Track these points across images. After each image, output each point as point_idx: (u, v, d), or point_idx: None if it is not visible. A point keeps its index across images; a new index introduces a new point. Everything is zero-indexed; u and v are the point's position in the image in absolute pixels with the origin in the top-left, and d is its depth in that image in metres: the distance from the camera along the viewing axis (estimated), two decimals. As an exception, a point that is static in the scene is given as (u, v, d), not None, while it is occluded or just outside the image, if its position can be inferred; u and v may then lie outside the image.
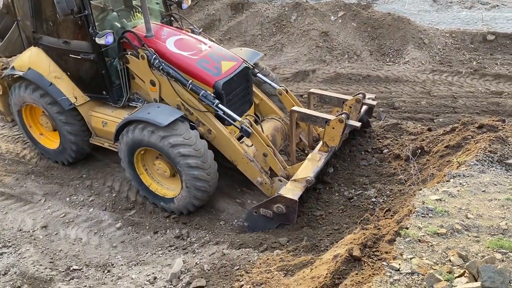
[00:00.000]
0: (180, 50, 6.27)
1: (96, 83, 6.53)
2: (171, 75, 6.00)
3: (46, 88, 6.65)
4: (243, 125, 5.78)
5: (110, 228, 6.32)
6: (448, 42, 10.61)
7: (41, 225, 6.39)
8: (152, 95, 6.32)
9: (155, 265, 5.58)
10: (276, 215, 5.41)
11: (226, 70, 6.19)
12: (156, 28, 6.60)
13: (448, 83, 9.39)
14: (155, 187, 6.39)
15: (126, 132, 6.01)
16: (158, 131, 5.67)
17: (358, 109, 6.23)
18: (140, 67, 6.22)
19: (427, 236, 3.13)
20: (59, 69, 6.74)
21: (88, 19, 6.00)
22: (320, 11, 11.46)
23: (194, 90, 5.94)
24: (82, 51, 6.32)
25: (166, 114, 5.75)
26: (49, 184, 7.18)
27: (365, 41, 10.81)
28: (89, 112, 6.83)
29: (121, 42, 6.25)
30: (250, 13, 12.00)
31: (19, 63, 6.94)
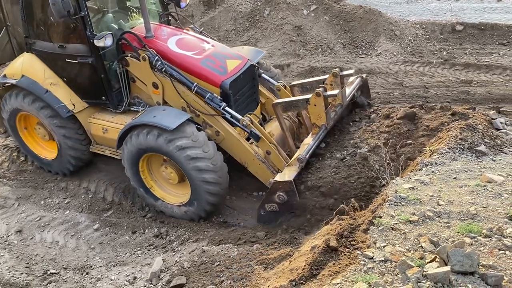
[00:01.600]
0: (182, 50, 6.04)
1: (95, 88, 6.27)
2: (175, 78, 5.78)
3: (41, 96, 6.33)
4: (252, 129, 5.59)
5: (88, 230, 6.24)
6: (418, 33, 10.80)
7: (15, 229, 6.27)
8: (155, 98, 6.06)
9: (135, 265, 5.55)
10: (281, 205, 5.22)
11: (232, 69, 6.00)
12: (156, 28, 6.35)
13: (420, 73, 9.57)
14: (161, 194, 6.15)
15: (130, 138, 5.75)
16: (165, 135, 5.44)
17: (339, 84, 6.09)
18: (141, 69, 5.96)
19: (399, 224, 3.20)
20: (55, 75, 6.44)
21: (85, 20, 5.76)
22: (292, 5, 11.50)
23: (199, 93, 5.73)
24: (79, 54, 6.05)
25: (173, 117, 5.54)
26: (22, 188, 7.04)
27: (337, 34, 10.92)
28: (88, 119, 6.55)
29: (120, 44, 6.00)
30: (223, 8, 11.96)
31: (11, 70, 6.62)
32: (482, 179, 4.08)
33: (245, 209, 6.31)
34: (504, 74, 9.21)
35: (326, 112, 5.67)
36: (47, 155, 7.06)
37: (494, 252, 2.83)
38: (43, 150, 7.13)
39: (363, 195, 5.12)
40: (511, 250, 2.87)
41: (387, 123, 6.11)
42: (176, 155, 5.48)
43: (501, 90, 8.57)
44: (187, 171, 5.57)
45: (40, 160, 7.16)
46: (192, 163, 5.45)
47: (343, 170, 5.45)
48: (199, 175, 5.50)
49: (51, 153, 6.98)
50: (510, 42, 10.41)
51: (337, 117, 6.15)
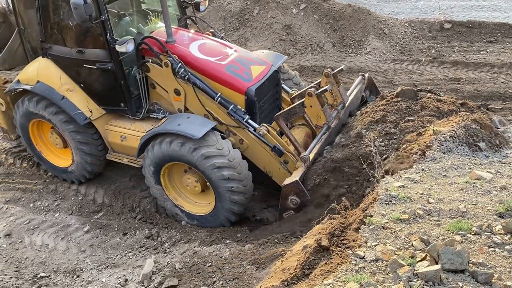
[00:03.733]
0: (205, 55, 5.87)
1: (114, 94, 6.09)
2: (198, 86, 5.63)
3: (58, 103, 6.12)
4: (276, 145, 5.45)
5: (78, 232, 6.19)
6: (407, 31, 10.87)
7: (4, 233, 6.19)
8: (177, 105, 5.90)
9: (126, 267, 5.52)
10: (297, 210, 5.10)
11: (256, 75, 5.83)
12: (176, 32, 6.15)
13: (409, 71, 9.63)
14: (183, 204, 6.03)
15: (152, 146, 5.59)
16: (189, 143, 5.32)
17: (334, 83, 5.94)
18: (163, 75, 5.79)
19: (390, 222, 3.22)
20: (71, 81, 6.24)
21: (105, 25, 5.58)
22: (282, 4, 11.49)
23: (222, 104, 5.60)
24: (98, 60, 5.86)
25: (198, 125, 5.41)
26: (10, 191, 6.95)
27: (327, 33, 10.94)
28: (105, 127, 6.36)
29: (140, 49, 5.81)
30: (212, 8, 11.91)
31: (25, 76, 6.41)
32: (471, 176, 4.12)
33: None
34: (492, 72, 9.30)
35: (324, 110, 5.59)
36: (61, 163, 6.86)
37: (484, 249, 2.86)
38: (57, 157, 6.94)
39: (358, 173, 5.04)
40: (500, 247, 2.90)
41: (383, 102, 6.06)
42: (200, 164, 5.36)
43: (489, 88, 8.66)
44: (211, 180, 5.45)
45: (54, 168, 6.95)
46: (217, 172, 5.34)
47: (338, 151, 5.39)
48: (225, 184, 5.39)
49: (66, 161, 6.79)
50: (497, 40, 10.53)
51: (343, 116, 6.03)
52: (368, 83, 6.74)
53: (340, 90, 5.93)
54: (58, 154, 6.93)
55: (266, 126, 5.52)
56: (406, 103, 5.88)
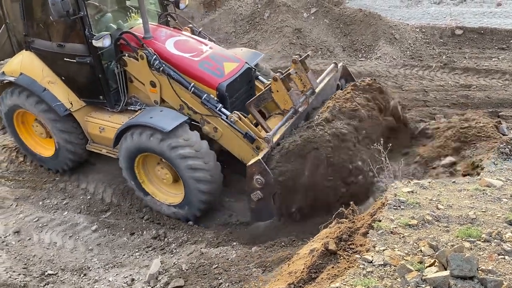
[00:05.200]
0: (180, 51, 6.09)
1: (93, 87, 6.30)
2: (172, 77, 5.81)
3: (39, 94, 6.37)
4: (248, 131, 5.57)
5: (86, 231, 6.23)
6: (418, 37, 10.83)
7: (13, 230, 6.25)
8: (153, 97, 6.10)
9: (133, 267, 5.54)
10: (262, 189, 5.15)
11: (229, 72, 6.05)
12: (154, 29, 6.37)
13: (419, 77, 9.59)
14: (157, 195, 6.21)
15: (126, 137, 5.83)
16: (159, 135, 5.52)
17: (303, 69, 6.01)
18: (139, 68, 5.99)
19: (399, 227, 3.20)
20: (53, 73, 6.47)
21: (84, 20, 5.81)
22: (292, 8, 11.51)
23: (196, 94, 5.76)
24: (78, 54, 6.09)
25: (170, 119, 5.63)
26: (20, 188, 7.02)
27: (337, 37, 10.93)
28: (85, 118, 6.57)
29: (118, 44, 6.04)
30: (223, 11, 11.97)
31: (10, 68, 6.65)
32: (481, 183, 4.08)
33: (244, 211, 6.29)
34: (503, 79, 9.23)
35: (290, 94, 5.67)
36: (44, 152, 7.09)
37: (493, 256, 2.83)
38: (40, 147, 7.16)
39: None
40: (510, 255, 2.87)
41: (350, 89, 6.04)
42: (168, 154, 5.57)
43: (500, 95, 8.59)
44: (179, 170, 5.64)
45: (37, 157, 7.19)
46: (184, 162, 5.53)
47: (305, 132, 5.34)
48: (192, 173, 5.57)
49: (48, 151, 7.02)
50: (509, 46, 10.44)
51: (315, 102, 6.03)
52: (343, 72, 6.79)
53: (309, 76, 5.99)
54: (42, 144, 7.16)
55: (237, 113, 5.65)
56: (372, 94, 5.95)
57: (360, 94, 5.83)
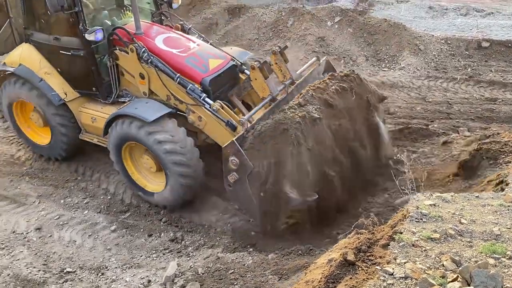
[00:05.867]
0: (169, 47, 6.39)
1: (86, 79, 6.65)
2: (159, 68, 6.09)
3: (36, 84, 6.73)
4: (229, 119, 5.78)
5: (105, 231, 6.31)
6: (443, 48, 10.68)
7: (35, 227, 6.37)
8: (142, 88, 6.40)
9: (149, 268, 5.58)
10: (238, 170, 5.23)
11: (213, 68, 6.32)
12: (146, 26, 6.72)
13: (443, 89, 9.44)
14: (143, 182, 6.50)
15: (114, 127, 6.17)
16: (137, 122, 5.88)
17: (282, 60, 6.19)
18: (129, 61, 6.31)
19: (420, 240, 3.15)
20: (50, 65, 6.82)
21: (79, 15, 6.15)
22: (316, 16, 11.50)
23: (181, 84, 6.03)
24: (73, 47, 6.44)
25: (153, 110, 5.95)
26: (43, 186, 7.16)
27: (361, 47, 10.86)
28: (79, 108, 6.90)
29: (111, 39, 6.36)
30: (247, 17, 12.04)
31: (10, 59, 7.02)
32: (505, 199, 3.98)
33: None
34: (530, 93, 9.02)
35: (267, 82, 5.85)
36: (40, 140, 7.42)
37: (518, 275, 2.76)
38: (37, 136, 7.50)
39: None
40: (536, 273, 2.79)
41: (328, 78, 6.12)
42: (148, 142, 5.89)
43: (526, 109, 8.39)
44: (158, 156, 5.95)
45: (34, 145, 7.53)
46: (160, 146, 5.83)
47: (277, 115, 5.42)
48: (168, 156, 5.85)
49: (45, 139, 7.35)
50: (537, 60, 10.21)
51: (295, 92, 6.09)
52: (326, 67, 6.87)
53: (288, 67, 6.18)
54: (39, 133, 7.50)
55: (220, 102, 5.88)
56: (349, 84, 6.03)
57: (336, 83, 5.92)
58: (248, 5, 12.69)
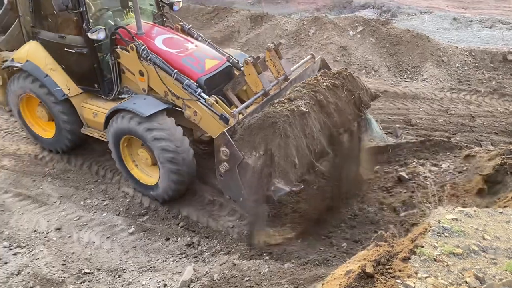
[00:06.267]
0: (167, 47, 6.69)
1: (89, 76, 6.96)
2: (157, 65, 6.34)
3: (41, 79, 7.06)
4: (223, 113, 5.96)
5: (123, 233, 6.36)
6: (467, 60, 10.54)
7: (55, 227, 6.47)
8: (141, 85, 6.68)
9: (166, 272, 5.60)
10: (228, 161, 5.32)
11: (209, 68, 6.60)
12: (147, 27, 7.06)
13: (466, 101, 9.30)
14: (138, 175, 6.80)
15: (113, 121, 6.47)
16: (137, 118, 6.17)
17: (276, 57, 6.31)
18: (130, 59, 6.58)
19: (442, 255, 3.08)
20: (55, 62, 7.13)
21: (83, 15, 6.44)
22: (338, 26, 11.50)
23: (178, 79, 6.26)
24: (76, 45, 6.75)
25: (150, 106, 6.26)
26: (64, 187, 7.27)
27: (383, 57, 10.80)
28: (81, 104, 7.19)
29: (114, 39, 6.66)
30: (269, 26, 12.10)
31: (18, 55, 7.36)
32: (531, 216, 3.88)
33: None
34: (557, 108, 8.82)
35: (260, 77, 6.03)
36: (45, 134, 7.77)
37: (544, 294, 2.68)
38: (42, 129, 7.84)
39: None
40: None
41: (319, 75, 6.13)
42: (144, 136, 6.19)
43: (553, 124, 8.20)
44: (154, 151, 6.24)
45: (38, 138, 7.88)
46: (157, 143, 6.13)
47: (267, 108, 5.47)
48: (157, 144, 6.13)
49: (49, 133, 7.70)
50: None
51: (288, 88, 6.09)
52: (322, 65, 6.98)
53: (282, 63, 6.35)
54: (43, 127, 7.85)
55: (214, 97, 6.09)
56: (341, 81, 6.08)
57: (328, 80, 5.99)
58: (270, 13, 12.79)
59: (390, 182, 6.80)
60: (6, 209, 6.82)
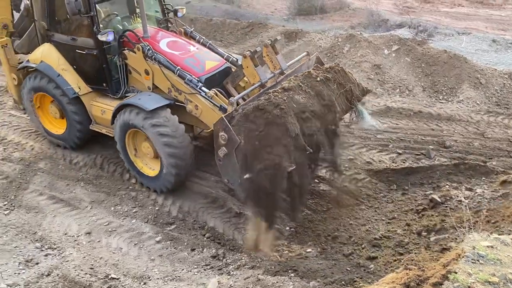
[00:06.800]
0: (171, 49, 7.22)
1: (98, 76, 7.48)
2: (162, 63, 6.87)
3: (54, 78, 7.60)
4: (222, 104, 6.38)
5: (150, 241, 6.44)
6: (506, 83, 10.23)
7: (85, 231, 6.61)
8: (146, 84, 7.20)
9: (190, 283, 5.62)
10: (226, 145, 5.54)
11: (209, 68, 7.13)
12: (153, 31, 7.66)
13: (504, 125, 9.01)
14: (141, 166, 7.26)
15: (119, 115, 6.98)
16: (142, 113, 6.64)
17: (273, 53, 6.75)
18: (136, 59, 7.12)
19: (477, 283, 2.97)
20: (67, 62, 7.66)
21: (93, 19, 6.98)
22: (373, 44, 11.41)
23: (180, 76, 6.78)
24: (87, 47, 7.30)
25: (154, 101, 6.76)
26: (96, 192, 7.44)
27: (418, 77, 10.63)
28: (90, 102, 7.71)
29: (122, 41, 7.22)
30: (303, 42, 12.14)
31: (33, 57, 7.92)
32: None
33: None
34: None
35: (257, 70, 6.49)
36: (56, 130, 8.29)
37: None
38: (53, 126, 8.36)
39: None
40: None
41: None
42: (148, 130, 6.65)
43: None
44: (156, 144, 6.71)
45: (51, 134, 8.38)
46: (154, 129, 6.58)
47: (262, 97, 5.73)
48: (161, 138, 6.58)
49: (60, 129, 8.23)
50: None
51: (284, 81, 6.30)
52: (317, 61, 7.20)
53: (278, 58, 6.80)
54: (54, 124, 8.36)
55: (214, 90, 6.61)
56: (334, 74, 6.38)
57: (321, 73, 6.30)
58: (304, 30, 12.83)
59: (421, 205, 6.64)
60: (40, 211, 7.03)
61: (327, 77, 6.25)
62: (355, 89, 6.64)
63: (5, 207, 7.11)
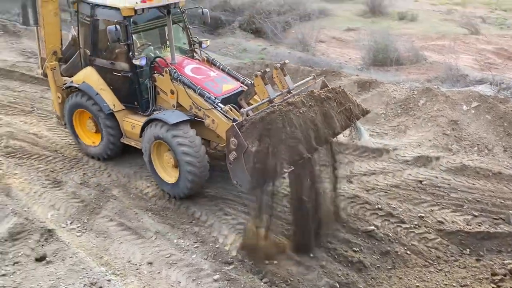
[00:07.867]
0: (194, 74, 8.45)
1: (131, 95, 8.70)
2: (185, 84, 8.01)
3: (93, 96, 8.83)
4: (235, 117, 7.29)
5: (208, 278, 6.44)
6: None
7: (148, 260, 6.77)
8: (171, 102, 8.36)
9: (243, 327, 5.49)
10: (236, 150, 6.20)
11: (225, 90, 8.26)
12: (180, 58, 9.04)
13: None
14: (163, 174, 8.23)
15: (147, 129, 8.07)
16: (166, 127, 7.68)
17: (282, 74, 7.75)
18: (164, 81, 8.31)
19: None
20: (105, 83, 8.87)
21: (130, 47, 8.20)
22: (451, 99, 11.03)
23: (201, 94, 7.88)
24: (123, 70, 8.54)
25: (176, 116, 7.80)
26: (162, 223, 7.65)
27: (499, 136, 10.03)
28: (123, 118, 8.91)
29: (152, 66, 8.50)
30: (377, 92, 12.01)
31: (77, 78, 9.20)
32: None
33: None
34: None
35: (266, 87, 7.38)
36: (91, 143, 9.51)
37: None
38: (89, 140, 9.58)
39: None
40: None
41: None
42: (170, 142, 7.68)
43: None
44: (176, 154, 7.70)
45: (85, 146, 9.58)
46: (179, 148, 7.60)
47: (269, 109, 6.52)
48: (184, 157, 7.60)
49: (95, 142, 9.43)
50: None
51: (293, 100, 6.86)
52: (322, 85, 8.01)
53: (286, 80, 7.76)
54: (90, 137, 9.60)
55: (229, 106, 7.65)
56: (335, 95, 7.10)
57: (323, 92, 7.06)
58: (379, 80, 12.72)
59: (498, 274, 6.10)
60: (108, 236, 7.34)
61: (328, 96, 7.01)
62: (355, 108, 7.36)
63: (78, 229, 7.52)
